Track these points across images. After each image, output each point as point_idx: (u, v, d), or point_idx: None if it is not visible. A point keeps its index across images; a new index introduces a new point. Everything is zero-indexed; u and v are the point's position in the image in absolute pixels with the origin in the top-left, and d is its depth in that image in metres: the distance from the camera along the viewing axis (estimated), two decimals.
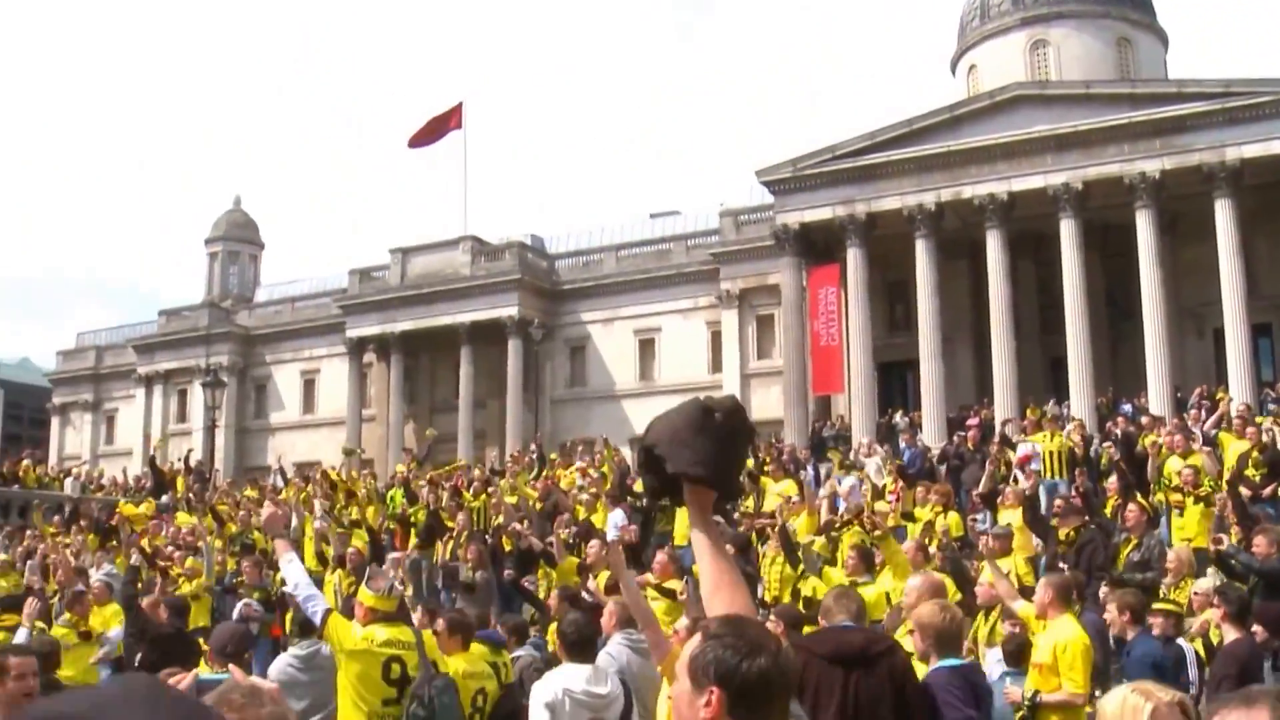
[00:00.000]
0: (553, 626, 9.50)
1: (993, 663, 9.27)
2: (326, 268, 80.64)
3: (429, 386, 52.56)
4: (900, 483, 19.00)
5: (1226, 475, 15.72)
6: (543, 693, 6.61)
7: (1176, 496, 15.40)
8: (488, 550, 16.20)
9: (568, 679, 6.73)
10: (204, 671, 6.92)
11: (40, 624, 12.14)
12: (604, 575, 13.41)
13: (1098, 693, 7.01)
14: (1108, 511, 15.97)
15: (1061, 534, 13.69)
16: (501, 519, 18.33)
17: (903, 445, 25.35)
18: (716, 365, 46.42)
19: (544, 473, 23.48)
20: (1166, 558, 12.30)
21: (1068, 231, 35.45)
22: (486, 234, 51.58)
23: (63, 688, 7.04)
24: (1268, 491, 16.12)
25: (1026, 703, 7.76)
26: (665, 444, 3.08)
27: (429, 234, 52.63)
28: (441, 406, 51.05)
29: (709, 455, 3.02)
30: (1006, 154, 36.29)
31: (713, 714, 2.59)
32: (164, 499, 26.49)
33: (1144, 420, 24.84)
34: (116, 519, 21.48)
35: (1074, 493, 16.27)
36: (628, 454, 27.16)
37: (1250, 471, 16.47)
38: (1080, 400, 33.72)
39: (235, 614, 13.65)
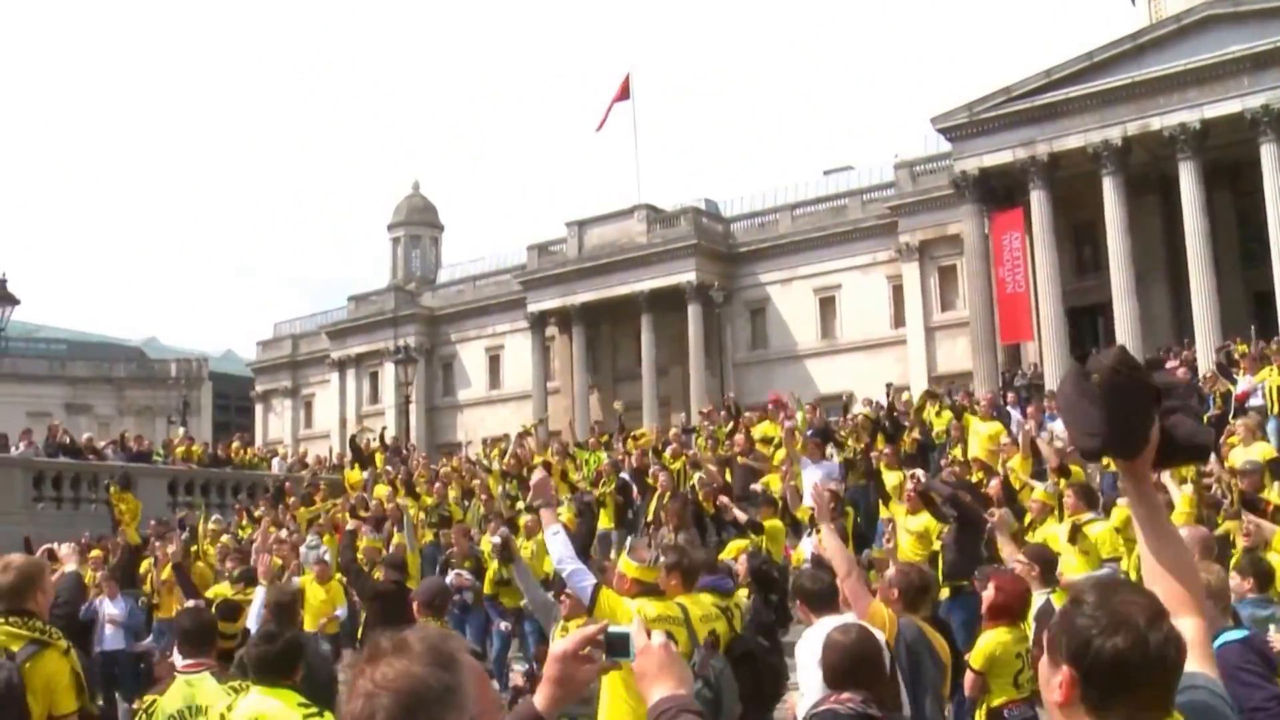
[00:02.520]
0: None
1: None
2: (505, 245, 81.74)
3: (611, 356, 52.85)
4: None
5: None
6: (811, 650, 5.79)
7: None
8: (689, 510, 15.67)
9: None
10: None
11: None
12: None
13: None
14: None
15: None
16: (699, 479, 17.86)
17: None
18: (899, 320, 45.63)
19: (736, 427, 22.60)
20: None
21: (1269, 156, 33.60)
22: (660, 201, 51.58)
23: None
24: None
25: None
26: (1065, 417, 2.80)
27: (603, 205, 52.89)
28: (624, 375, 51.30)
29: (1097, 423, 2.64)
30: (1197, 79, 34.55)
31: (1065, 697, 2.25)
32: (364, 474, 27.13)
33: None
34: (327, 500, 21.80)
35: None
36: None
37: None
38: None
39: (449, 581, 13.76)
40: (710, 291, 45.86)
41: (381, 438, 32.89)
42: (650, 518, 16.25)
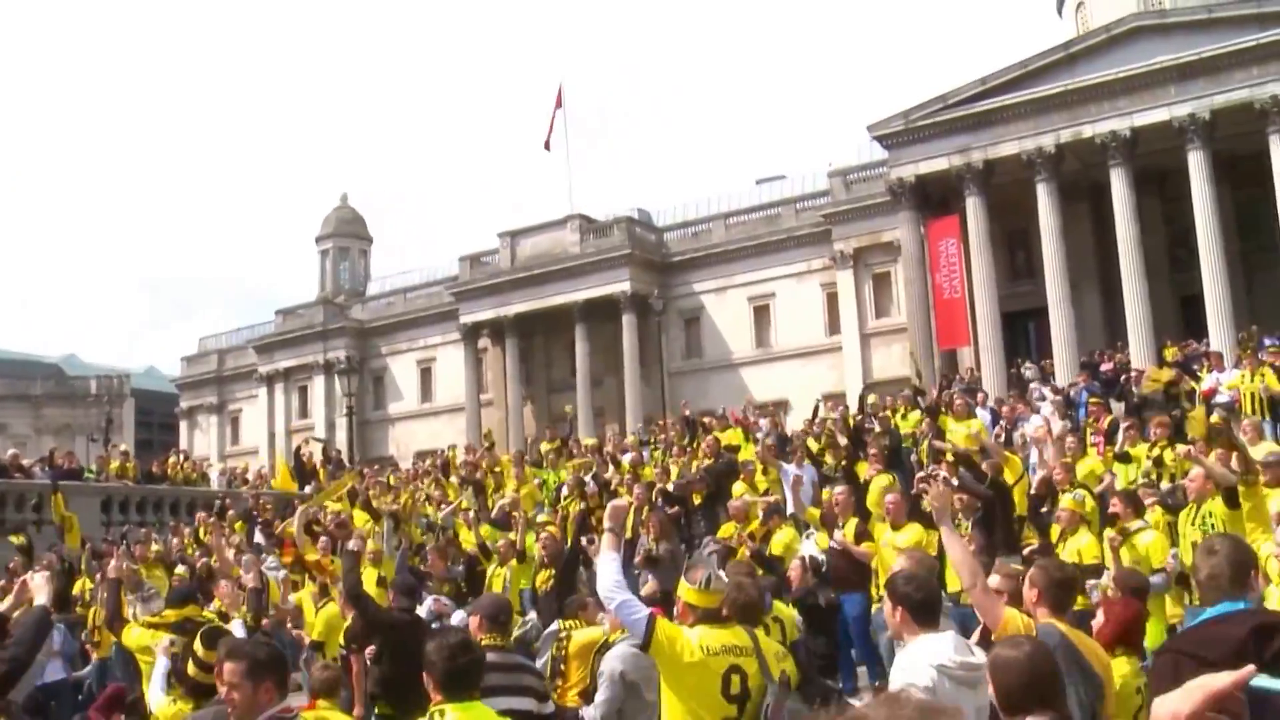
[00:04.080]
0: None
1: None
2: (436, 257, 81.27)
3: (545, 367, 52.61)
4: (1104, 422, 17.81)
5: None
6: (911, 676, 5.05)
7: None
8: (669, 520, 15.29)
9: (933, 652, 5.13)
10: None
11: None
12: (852, 523, 12.65)
13: None
14: None
15: None
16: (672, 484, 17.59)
17: (1081, 385, 24.33)
18: (834, 327, 45.88)
19: (697, 438, 22.45)
20: None
21: (1196, 163, 34.21)
22: (593, 211, 51.52)
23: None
24: None
25: None
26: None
27: (536, 216, 52.75)
28: (558, 387, 51.08)
29: None
30: (1127, 88, 35.12)
31: None
32: (307, 489, 26.67)
33: None
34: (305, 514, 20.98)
35: None
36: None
37: None
38: (1220, 337, 32.48)
39: (425, 610, 12.60)
40: (650, 300, 45.81)
41: (325, 451, 32.49)
42: (630, 532, 15.92)
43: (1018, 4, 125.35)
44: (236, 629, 9.28)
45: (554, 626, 9.74)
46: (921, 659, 5.10)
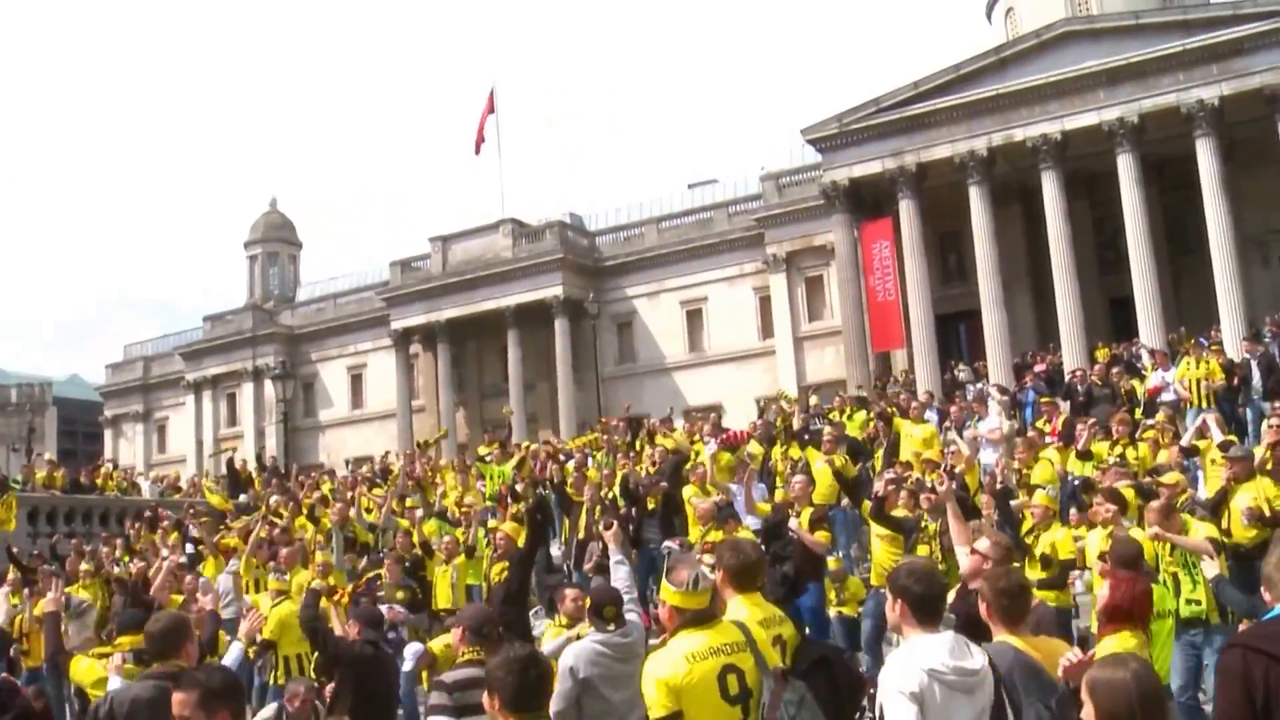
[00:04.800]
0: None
1: None
2: (367, 262, 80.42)
3: (477, 373, 52.27)
4: (1057, 420, 17.88)
5: None
6: (899, 679, 4.77)
7: None
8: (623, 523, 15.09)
9: (926, 655, 4.81)
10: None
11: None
12: (807, 512, 12.57)
13: None
14: None
15: None
16: (617, 489, 17.51)
17: (1028, 385, 24.49)
18: (767, 331, 45.99)
19: (640, 439, 22.42)
20: None
21: (1125, 166, 34.66)
22: (526, 216, 51.28)
23: None
24: None
25: None
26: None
27: (468, 220, 52.39)
28: (491, 392, 50.82)
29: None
30: (1058, 92, 35.50)
31: None
32: (241, 498, 26.19)
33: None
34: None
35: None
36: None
37: None
38: (1150, 338, 32.94)
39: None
40: (587, 304, 45.67)
41: (260, 459, 31.95)
42: (582, 534, 15.75)
43: (948, 9, 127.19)
44: (234, 652, 8.82)
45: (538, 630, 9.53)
46: (914, 660, 4.80)
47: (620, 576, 5.86)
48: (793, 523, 12.38)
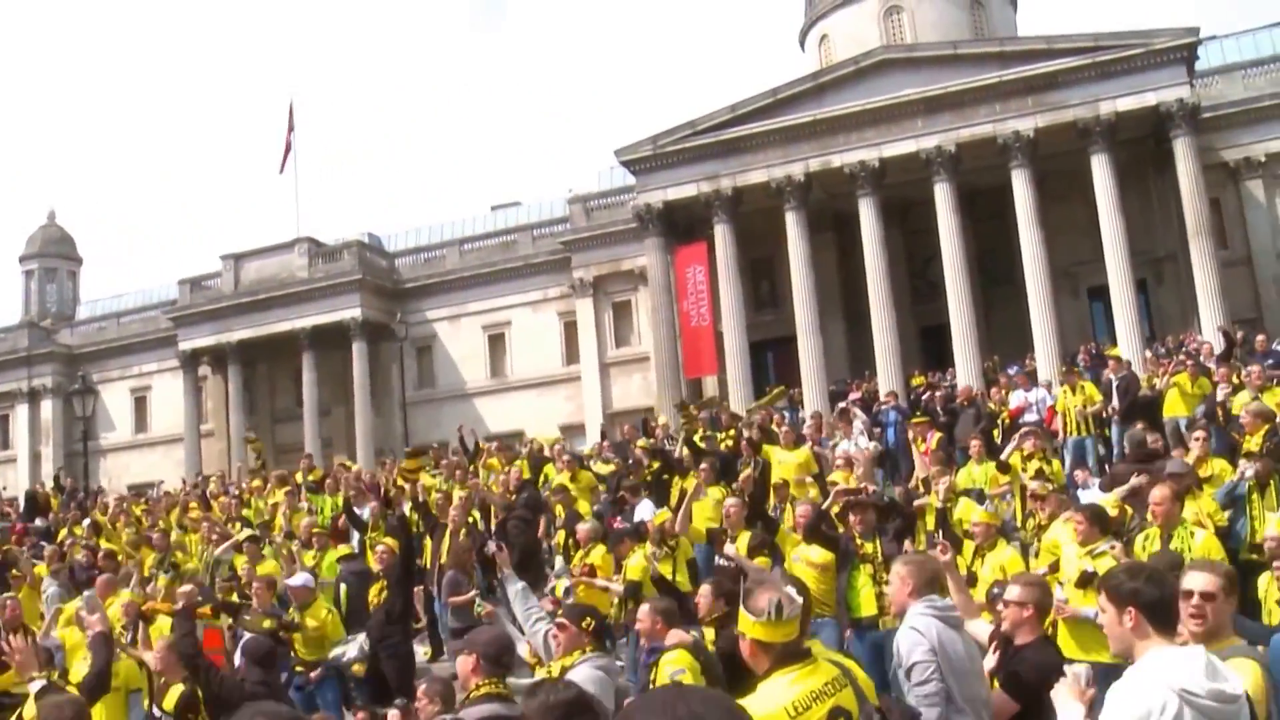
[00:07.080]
0: None
1: None
2: (153, 280, 76.39)
3: (269, 396, 49.80)
4: (931, 438, 17.07)
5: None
6: (1144, 700, 3.78)
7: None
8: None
9: (1176, 672, 3.84)
10: None
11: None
12: (744, 536, 11.67)
13: None
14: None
15: None
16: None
17: (888, 407, 23.98)
18: (572, 356, 44.89)
19: (475, 465, 21.57)
20: None
21: (942, 195, 34.69)
22: (324, 236, 49.18)
23: None
24: None
25: None
26: None
27: (263, 240, 49.98)
28: (283, 416, 48.46)
29: None
30: (875, 120, 35.37)
31: None
32: (38, 522, 24.02)
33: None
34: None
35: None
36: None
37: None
38: (964, 367, 32.93)
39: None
40: (393, 325, 43.70)
41: (56, 480, 29.70)
42: (444, 559, 14.11)
43: (762, 35, 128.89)
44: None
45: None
46: (1160, 679, 3.81)
47: (515, 593, 4.78)
48: (729, 548, 11.39)
